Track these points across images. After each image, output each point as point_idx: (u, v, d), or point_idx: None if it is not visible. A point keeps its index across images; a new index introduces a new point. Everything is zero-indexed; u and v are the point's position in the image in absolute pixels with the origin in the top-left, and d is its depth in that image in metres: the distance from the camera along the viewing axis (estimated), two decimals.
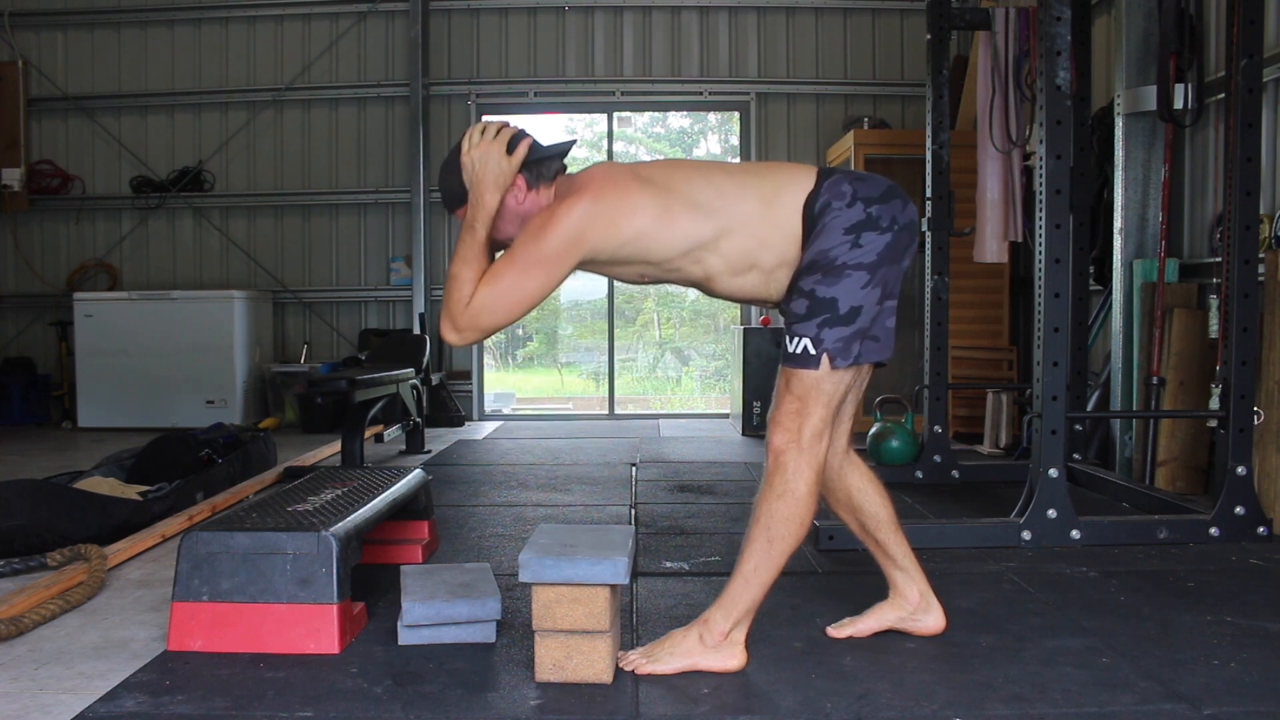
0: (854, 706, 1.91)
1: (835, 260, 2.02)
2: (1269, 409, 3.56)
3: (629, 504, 4.04)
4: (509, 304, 2.02)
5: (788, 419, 2.04)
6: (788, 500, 2.03)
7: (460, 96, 7.50)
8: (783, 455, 2.04)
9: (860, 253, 2.02)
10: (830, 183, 2.07)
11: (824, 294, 2.02)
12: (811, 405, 2.04)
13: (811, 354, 2.02)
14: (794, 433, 2.03)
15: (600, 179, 2.07)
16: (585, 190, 2.03)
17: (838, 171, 2.11)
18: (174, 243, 7.62)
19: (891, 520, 2.31)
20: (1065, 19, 3.27)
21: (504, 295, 2.01)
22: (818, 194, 2.05)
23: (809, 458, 2.04)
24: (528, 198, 2.12)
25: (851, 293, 2.02)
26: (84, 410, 6.89)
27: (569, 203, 2.02)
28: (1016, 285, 6.32)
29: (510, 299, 2.02)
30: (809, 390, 2.03)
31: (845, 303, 2.02)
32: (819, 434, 2.04)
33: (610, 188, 2.05)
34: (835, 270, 2.02)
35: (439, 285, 7.52)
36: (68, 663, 2.19)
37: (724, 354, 9.22)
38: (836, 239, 2.02)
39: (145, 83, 7.52)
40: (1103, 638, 2.31)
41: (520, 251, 2.02)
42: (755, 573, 2.06)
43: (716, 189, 2.08)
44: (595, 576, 1.99)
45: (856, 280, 2.02)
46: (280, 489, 2.87)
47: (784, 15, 7.46)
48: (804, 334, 2.03)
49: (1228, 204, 3.34)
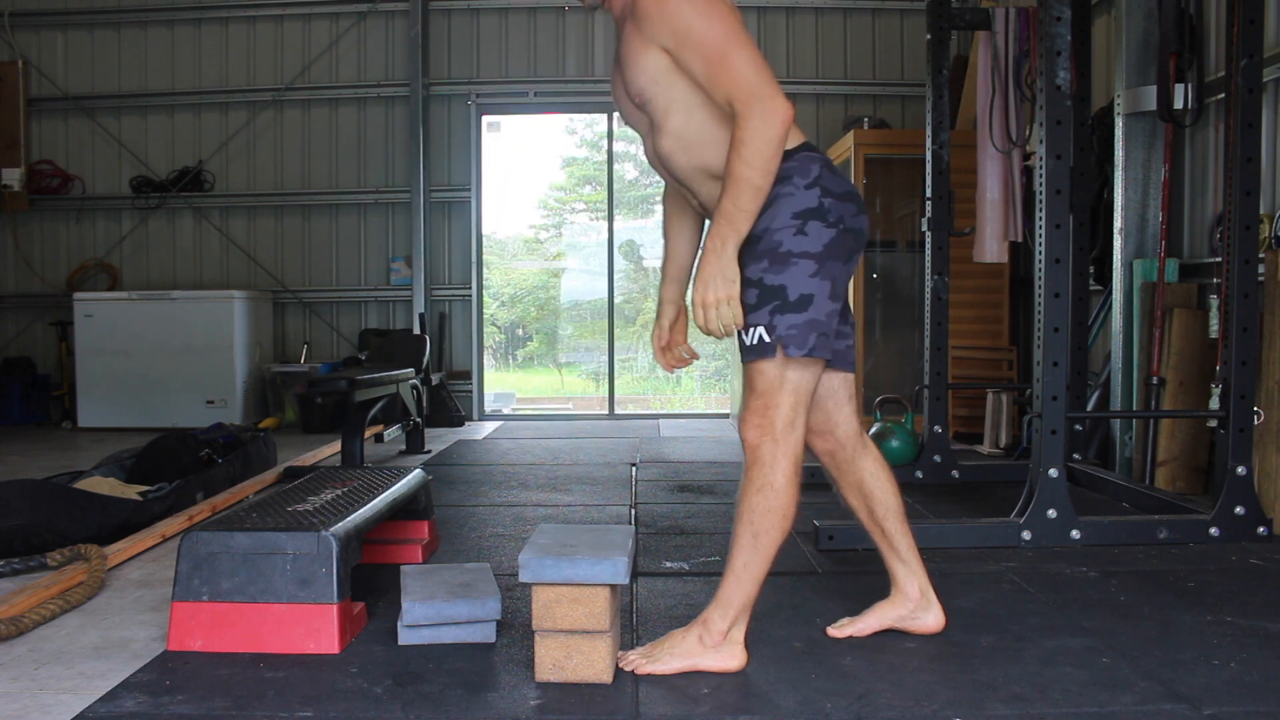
0: (854, 706, 1.91)
1: (780, 247, 2.01)
2: (1269, 409, 3.56)
3: (629, 504, 4.04)
4: (761, 57, 1.94)
5: (756, 414, 2.03)
6: (767, 493, 2.03)
7: (460, 96, 7.50)
8: (759, 449, 2.03)
9: (806, 241, 2.01)
10: (805, 156, 2.06)
11: (772, 281, 2.01)
12: (778, 396, 2.02)
13: (766, 341, 2.01)
14: (766, 425, 2.02)
15: None
16: None
17: (817, 153, 2.09)
18: (174, 243, 7.62)
19: (899, 511, 2.30)
20: (1065, 19, 3.27)
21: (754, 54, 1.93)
22: (788, 157, 2.03)
23: (784, 448, 2.02)
24: None
25: (800, 280, 2.01)
26: (84, 410, 6.89)
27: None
28: (1016, 285, 6.31)
29: (754, 49, 1.94)
30: (771, 383, 2.02)
31: (794, 290, 2.01)
32: (791, 423, 2.03)
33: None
34: (781, 258, 2.01)
35: (439, 285, 7.54)
36: (68, 663, 2.19)
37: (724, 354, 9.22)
38: (784, 221, 2.01)
39: (145, 83, 7.52)
40: (1103, 638, 2.31)
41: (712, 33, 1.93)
42: (745, 569, 2.06)
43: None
44: (595, 576, 1.99)
45: (804, 269, 2.01)
46: (280, 489, 2.87)
47: (784, 15, 7.46)
48: (757, 323, 2.02)
49: (1228, 204, 3.34)
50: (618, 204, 8.16)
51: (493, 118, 7.78)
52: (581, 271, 10.12)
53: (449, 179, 7.54)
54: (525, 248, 10.51)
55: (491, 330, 8.62)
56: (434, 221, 7.50)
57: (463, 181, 7.53)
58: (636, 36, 2.03)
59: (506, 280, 10.25)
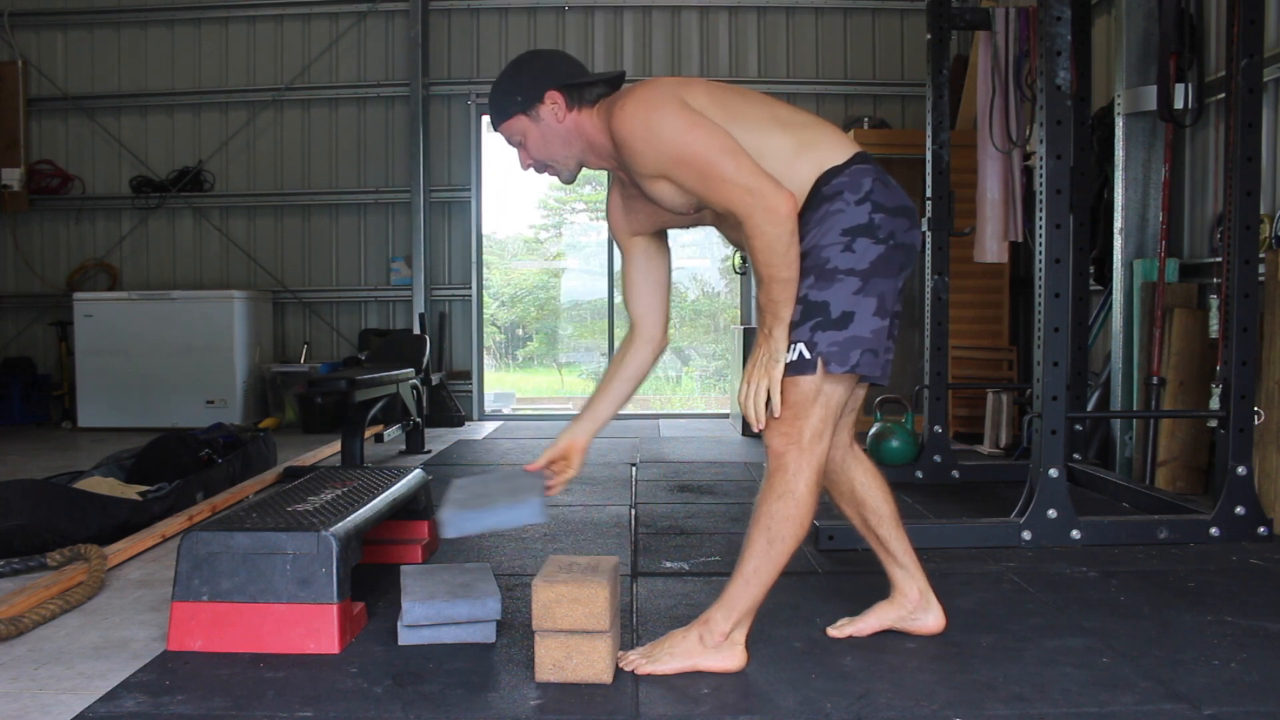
0: (854, 706, 1.91)
1: (826, 263, 2.01)
2: (1269, 409, 3.56)
3: (629, 504, 4.04)
4: (749, 161, 1.96)
5: (784, 423, 2.03)
6: (788, 501, 2.03)
7: (460, 96, 7.50)
8: (784, 456, 2.03)
9: (853, 258, 2.01)
10: (856, 169, 2.05)
11: (816, 298, 2.01)
12: (809, 409, 2.02)
13: (806, 358, 2.01)
14: (794, 435, 2.03)
15: (643, 87, 2.08)
16: (633, 91, 2.04)
17: (870, 164, 2.08)
18: (174, 243, 7.62)
19: (893, 517, 2.30)
20: (1065, 19, 3.27)
21: (739, 160, 1.95)
22: (839, 171, 2.03)
23: (809, 458, 2.03)
24: (568, 117, 2.11)
25: (843, 297, 2.01)
26: (84, 410, 6.89)
27: (633, 101, 2.02)
28: (1016, 285, 6.32)
29: (739, 155, 1.96)
30: (805, 395, 2.02)
31: (837, 307, 2.01)
32: (819, 435, 2.04)
33: (653, 88, 2.06)
34: (827, 274, 2.01)
35: (439, 285, 7.53)
36: (68, 663, 2.19)
37: (724, 354, 9.22)
38: (832, 238, 2.01)
39: (145, 83, 7.52)
40: (1103, 638, 2.31)
41: (694, 151, 1.97)
42: (756, 574, 2.06)
43: (756, 114, 2.07)
44: (515, 520, 2.09)
45: (848, 285, 2.01)
46: (280, 489, 2.87)
47: (784, 15, 7.46)
48: (797, 339, 2.02)
49: (1228, 204, 3.34)
50: None
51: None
52: (581, 271, 10.13)
53: (449, 179, 7.54)
54: (525, 248, 10.52)
55: (491, 330, 8.63)
56: (434, 221, 7.50)
57: (462, 181, 7.53)
58: (640, 176, 2.09)
59: (506, 280, 10.26)
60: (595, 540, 3.40)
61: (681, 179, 2.02)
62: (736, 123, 2.03)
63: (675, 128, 1.98)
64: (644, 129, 2.00)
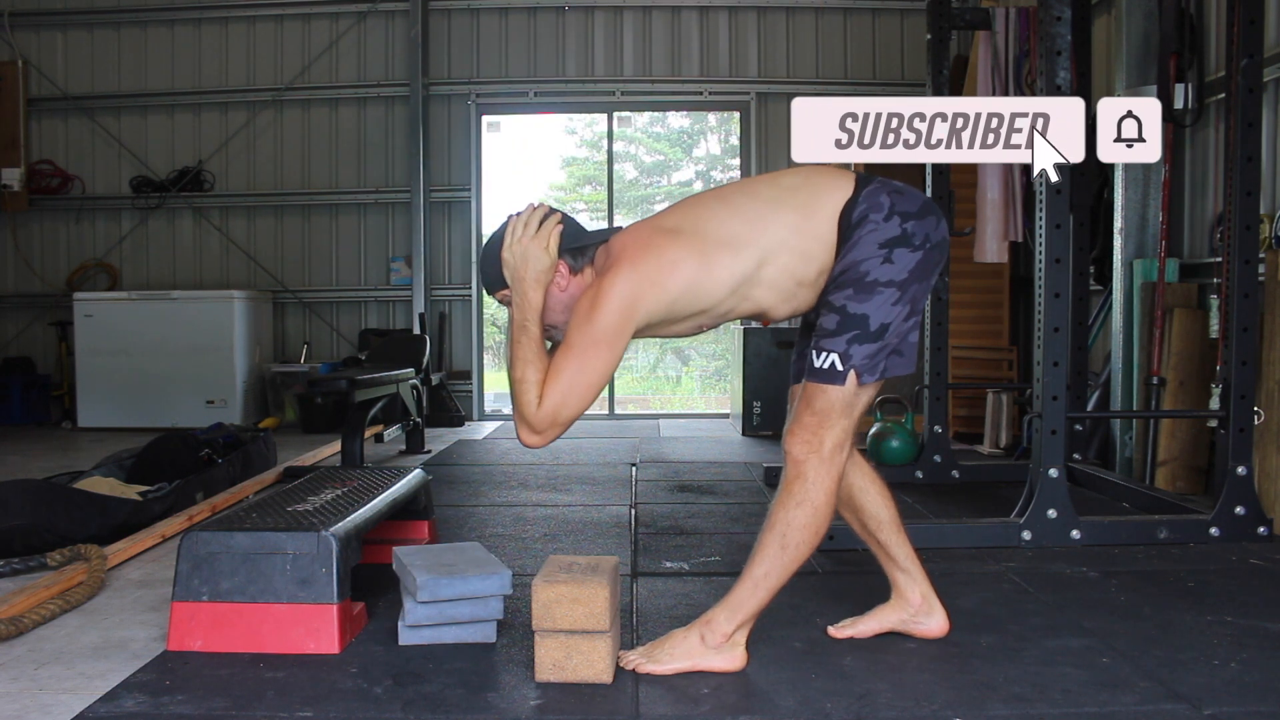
0: (854, 706, 1.91)
1: (867, 276, 2.01)
2: (1269, 409, 3.56)
3: (629, 504, 4.04)
4: (580, 393, 1.98)
5: (807, 430, 2.03)
6: (806, 509, 2.03)
7: (460, 96, 7.50)
8: (804, 464, 2.03)
9: (892, 269, 2.01)
10: (869, 192, 2.05)
11: (855, 310, 2.01)
12: (834, 418, 2.03)
13: (839, 370, 2.02)
14: (815, 443, 2.03)
15: (632, 246, 2.04)
16: (621, 261, 2.00)
17: (875, 180, 2.09)
18: (174, 243, 7.62)
19: (894, 521, 2.30)
20: (1065, 19, 3.27)
21: (573, 387, 1.97)
22: (855, 203, 2.04)
23: (829, 468, 2.03)
24: (571, 283, 2.08)
25: (882, 310, 2.02)
26: (84, 410, 6.89)
27: (609, 278, 1.99)
28: (1016, 285, 6.31)
29: (580, 388, 1.98)
30: (832, 404, 2.03)
31: (876, 320, 2.01)
32: (840, 444, 2.04)
33: (644, 251, 2.01)
34: (867, 287, 2.01)
35: (439, 285, 7.54)
36: (68, 663, 2.19)
37: (724, 354, 9.22)
38: (870, 252, 2.01)
39: (145, 83, 7.52)
40: (1103, 638, 2.31)
41: (576, 337, 1.98)
42: (765, 578, 2.06)
43: (744, 218, 2.05)
44: (488, 589, 2.24)
45: (887, 297, 2.01)
46: (280, 489, 2.87)
47: (784, 15, 7.47)
48: (832, 349, 2.02)
49: (1228, 204, 3.34)
50: (618, 204, 8.16)
51: (493, 118, 7.78)
52: None
53: (449, 179, 7.54)
54: None
55: (491, 330, 8.62)
56: (434, 221, 7.50)
57: (463, 181, 7.53)
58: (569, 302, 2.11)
59: None
60: (595, 540, 3.40)
61: (569, 324, 2.04)
62: (733, 244, 2.02)
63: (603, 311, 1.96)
64: (605, 289, 1.98)
